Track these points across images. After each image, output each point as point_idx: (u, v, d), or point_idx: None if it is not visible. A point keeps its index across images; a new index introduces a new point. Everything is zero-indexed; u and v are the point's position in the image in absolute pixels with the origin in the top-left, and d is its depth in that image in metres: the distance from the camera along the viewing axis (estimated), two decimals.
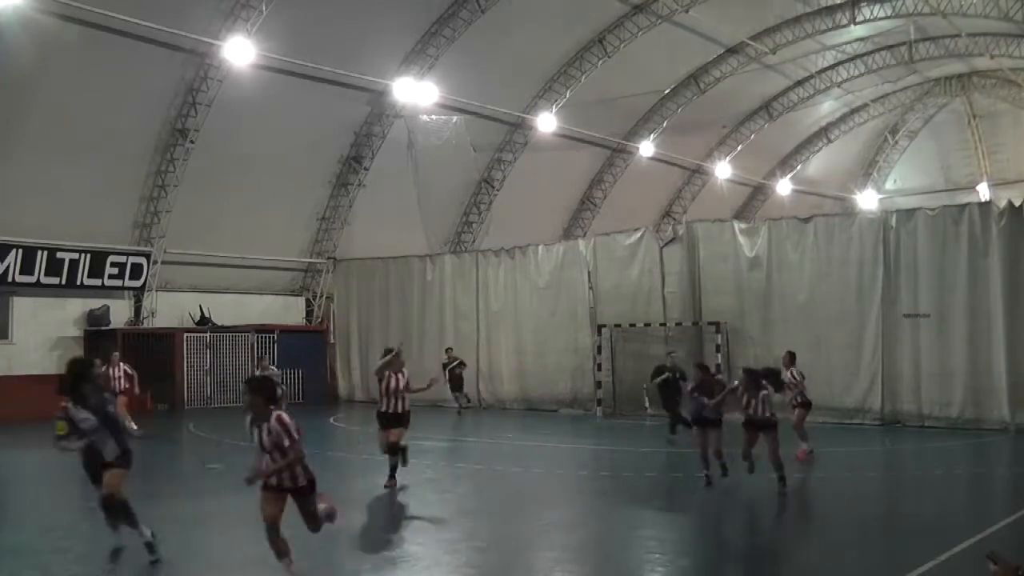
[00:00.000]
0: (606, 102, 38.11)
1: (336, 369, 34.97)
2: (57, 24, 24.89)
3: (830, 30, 38.92)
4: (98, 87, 27.10)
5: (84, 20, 24.91)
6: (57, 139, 27.26)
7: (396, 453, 15.35)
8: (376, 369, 15.92)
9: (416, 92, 32.41)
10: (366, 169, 35.16)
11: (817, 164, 52.16)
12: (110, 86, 27.30)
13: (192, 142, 29.70)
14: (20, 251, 27.91)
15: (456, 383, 29.15)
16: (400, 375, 15.58)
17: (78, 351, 29.45)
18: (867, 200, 52.20)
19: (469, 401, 29.69)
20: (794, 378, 17.78)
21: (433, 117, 34.35)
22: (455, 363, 29.14)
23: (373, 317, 33.89)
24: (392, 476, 15.20)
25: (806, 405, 17.98)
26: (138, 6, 25.01)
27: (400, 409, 15.46)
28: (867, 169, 54.40)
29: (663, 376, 21.89)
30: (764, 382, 14.89)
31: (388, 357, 15.76)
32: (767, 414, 14.67)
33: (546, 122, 36.78)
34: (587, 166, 43.67)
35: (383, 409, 15.51)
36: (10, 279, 27.85)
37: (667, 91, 41.60)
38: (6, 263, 27.65)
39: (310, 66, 29.03)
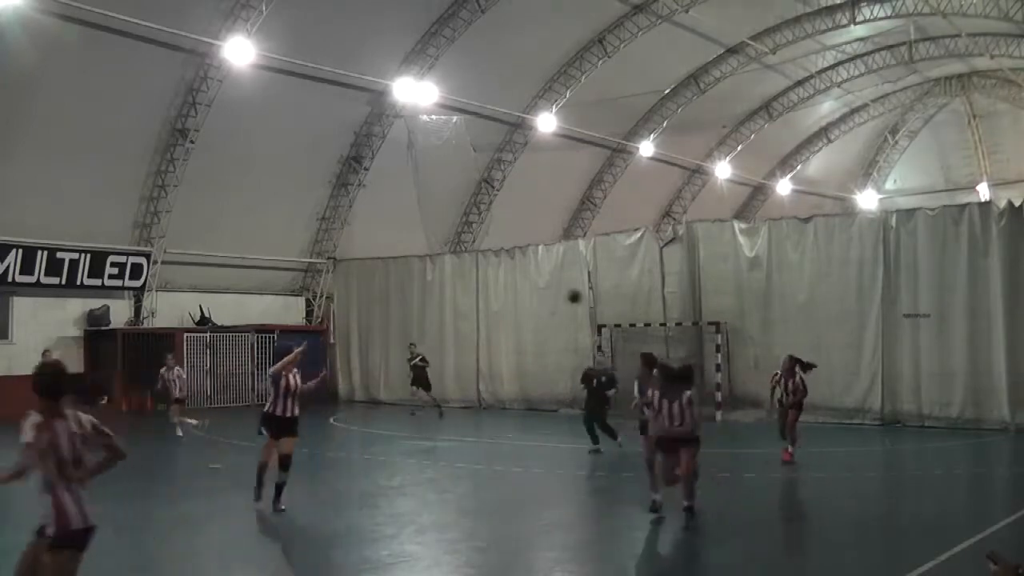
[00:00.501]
0: (606, 102, 38.10)
1: (336, 369, 34.96)
2: (57, 24, 24.89)
3: (830, 30, 38.94)
4: (98, 87, 27.11)
5: (84, 20, 24.90)
6: (57, 139, 27.27)
7: (287, 466, 13.21)
8: (274, 370, 13.60)
9: (416, 92, 32.41)
10: (366, 169, 35.19)
11: (817, 164, 52.20)
12: (110, 86, 27.32)
13: (192, 142, 29.71)
14: (20, 251, 27.93)
15: (420, 381, 28.07)
16: (296, 373, 13.65)
17: (78, 351, 29.56)
18: (867, 200, 52.22)
19: (438, 404, 27.98)
20: (800, 383, 17.31)
21: (433, 117, 34.35)
22: (416, 358, 28.24)
23: (373, 317, 33.91)
24: (278, 494, 13.13)
25: (800, 407, 17.50)
26: (138, 6, 25.00)
27: (295, 413, 13.48)
28: (867, 169, 54.43)
29: (591, 383, 20.06)
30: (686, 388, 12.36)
31: (290, 356, 13.61)
32: (689, 428, 12.26)
33: (546, 122, 36.78)
34: (587, 166, 43.69)
35: (278, 412, 13.37)
36: (10, 279, 27.86)
37: (667, 91, 41.61)
38: (6, 263, 27.65)
39: (310, 66, 29.02)
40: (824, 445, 19.66)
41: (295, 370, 13.59)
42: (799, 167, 51.66)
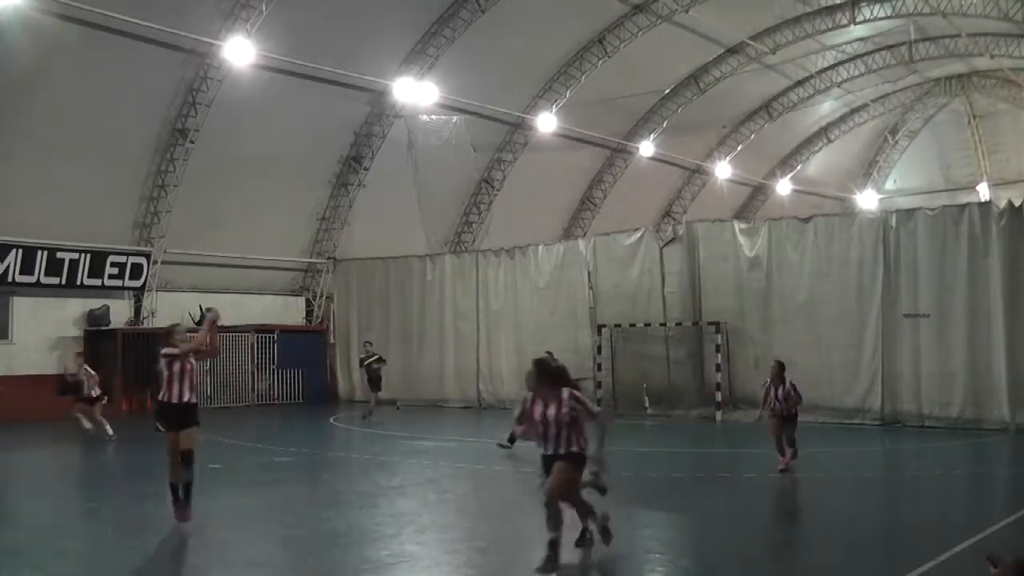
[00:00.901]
0: (606, 102, 38.12)
1: (336, 369, 34.98)
2: (57, 24, 24.88)
3: (830, 30, 38.95)
4: (98, 87, 27.10)
5: (84, 20, 24.90)
6: (57, 139, 27.27)
7: (189, 463, 11.77)
8: (174, 350, 11.98)
9: (416, 92, 32.41)
10: (366, 169, 35.17)
11: (817, 164, 52.21)
12: (110, 86, 27.31)
13: (192, 142, 29.70)
14: (20, 251, 27.90)
15: (374, 382, 27.62)
16: (191, 356, 12.08)
17: (78, 351, 29.51)
18: (867, 200, 52.22)
19: (385, 403, 27.53)
20: (792, 389, 16.25)
21: (433, 117, 34.36)
22: (372, 358, 27.88)
23: (373, 317, 33.91)
24: (186, 499, 11.81)
25: (795, 417, 16.37)
26: (138, 6, 25.01)
27: (189, 399, 11.91)
28: (867, 169, 54.43)
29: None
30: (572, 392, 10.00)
31: (201, 333, 12.32)
32: (569, 447, 9.96)
33: (546, 122, 36.78)
34: (587, 166, 43.69)
35: (169, 399, 11.88)
36: (10, 279, 27.84)
37: (667, 91, 41.61)
38: (6, 263, 27.63)
39: (310, 66, 29.02)
40: (824, 445, 19.65)
41: (195, 350, 12.03)
42: (799, 167, 51.67)
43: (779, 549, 11.69)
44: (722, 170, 45.85)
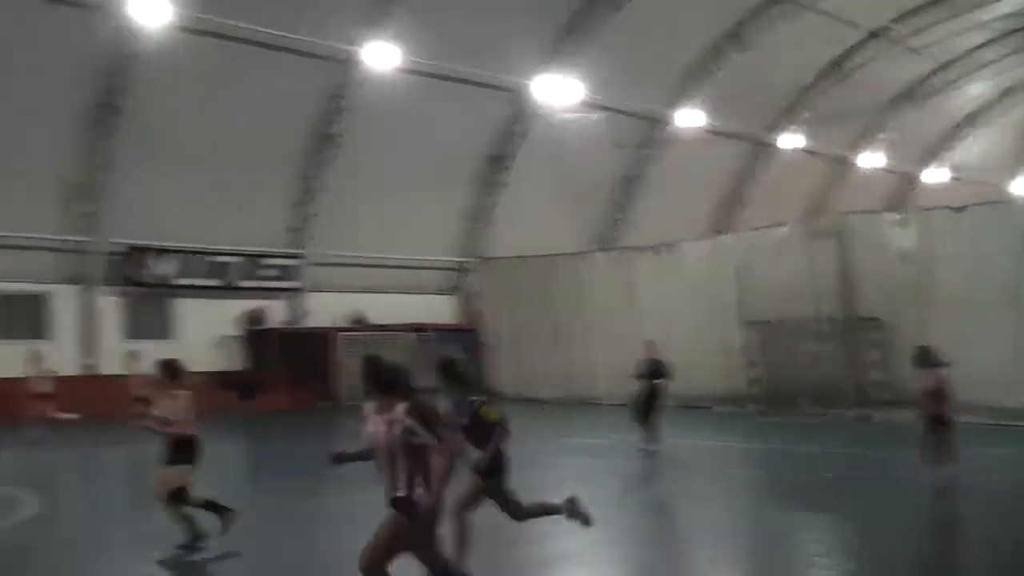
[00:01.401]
0: (747, 95, 37.70)
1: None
2: (210, 43, 26.44)
3: (976, 8, 37.49)
4: (248, 99, 28.58)
5: (235, 36, 26.59)
6: (214, 150, 28.62)
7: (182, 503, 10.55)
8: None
9: (556, 90, 32.61)
10: (508, 168, 35.47)
11: (968, 150, 50.45)
12: (259, 97, 28.66)
13: (339, 147, 30.52)
14: (182, 255, 29.50)
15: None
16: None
17: (238, 350, 30.72)
18: (1022, 187, 50.31)
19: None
20: (944, 379, 14.19)
21: (575, 114, 34.43)
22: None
23: (521, 315, 33.86)
24: (220, 515, 10.86)
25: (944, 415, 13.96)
26: (281, 21, 26.52)
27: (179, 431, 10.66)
28: (1022, 155, 52.39)
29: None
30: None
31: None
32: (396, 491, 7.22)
33: (688, 117, 36.53)
34: (731, 160, 43.22)
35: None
36: (174, 282, 29.31)
37: (809, 80, 40.85)
38: (170, 267, 29.11)
39: (450, 67, 29.56)
40: (983, 447, 18.76)
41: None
42: (949, 154, 50.07)
43: (946, 558, 11.31)
44: (869, 160, 44.79)
